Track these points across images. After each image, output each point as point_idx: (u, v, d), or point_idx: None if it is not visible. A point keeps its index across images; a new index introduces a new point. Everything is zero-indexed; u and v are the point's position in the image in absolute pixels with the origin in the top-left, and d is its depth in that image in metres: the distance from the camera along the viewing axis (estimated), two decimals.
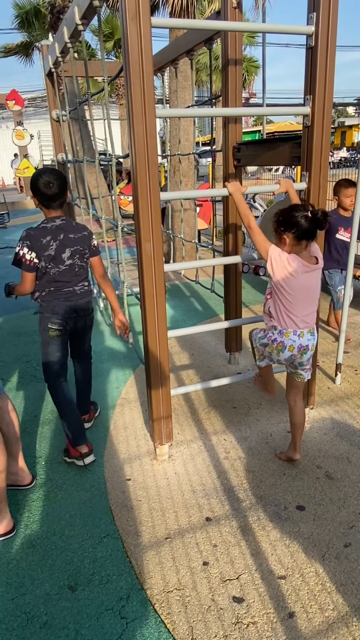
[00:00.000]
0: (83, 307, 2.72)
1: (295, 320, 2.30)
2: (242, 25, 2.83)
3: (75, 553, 2.09)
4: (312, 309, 2.34)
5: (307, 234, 2.17)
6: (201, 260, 4.42)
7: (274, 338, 2.35)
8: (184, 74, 6.37)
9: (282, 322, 2.32)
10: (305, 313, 2.31)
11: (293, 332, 2.31)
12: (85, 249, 2.65)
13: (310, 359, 2.41)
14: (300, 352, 2.34)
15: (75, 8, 2.86)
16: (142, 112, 2.10)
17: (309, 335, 2.34)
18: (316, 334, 2.41)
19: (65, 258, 2.56)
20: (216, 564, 2.00)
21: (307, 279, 2.25)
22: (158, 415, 2.61)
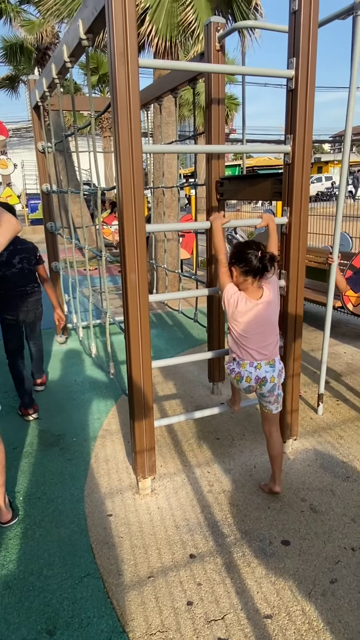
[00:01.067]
0: (32, 303, 3.56)
1: (251, 352, 2.33)
2: (225, 67, 2.95)
3: (53, 594, 2.00)
4: (269, 341, 2.35)
5: (253, 271, 2.23)
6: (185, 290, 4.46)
7: (232, 368, 2.41)
8: (167, 110, 6.57)
9: (239, 354, 2.37)
10: (261, 345, 2.33)
11: (249, 364, 2.34)
12: (32, 257, 3.53)
13: (272, 390, 2.39)
14: (257, 383, 2.35)
15: (64, 46, 2.94)
16: (129, 147, 2.14)
17: (268, 367, 2.35)
18: (278, 365, 2.39)
19: (15, 263, 3.42)
20: (200, 603, 1.94)
21: (255, 313, 2.28)
22: (141, 447, 2.56)
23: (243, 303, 2.27)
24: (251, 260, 2.21)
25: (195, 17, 6.21)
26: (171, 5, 6.30)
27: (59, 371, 4.46)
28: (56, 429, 3.38)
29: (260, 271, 2.22)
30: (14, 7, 11.74)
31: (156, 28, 6.29)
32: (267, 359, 2.35)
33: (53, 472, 2.87)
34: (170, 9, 6.30)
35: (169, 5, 6.29)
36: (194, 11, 6.22)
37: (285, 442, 2.97)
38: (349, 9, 2.81)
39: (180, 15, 6.26)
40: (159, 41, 6.34)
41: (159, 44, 6.31)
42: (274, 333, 2.38)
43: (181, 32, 6.39)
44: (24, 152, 26.15)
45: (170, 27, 6.34)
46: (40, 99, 4.20)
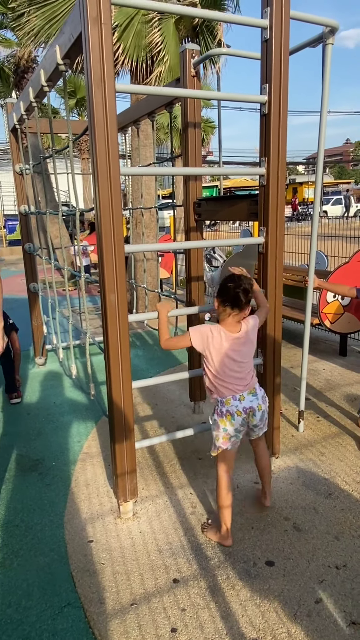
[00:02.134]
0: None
1: (229, 387, 2.29)
2: (202, 93, 3.03)
3: (32, 627, 1.93)
4: (247, 371, 2.34)
5: (229, 301, 2.23)
6: None
7: (219, 410, 2.32)
8: (145, 133, 6.67)
9: (220, 392, 2.32)
10: (239, 377, 2.30)
11: (232, 398, 2.30)
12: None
13: (262, 418, 2.37)
14: (247, 414, 2.31)
15: (42, 71, 2.98)
16: (107, 169, 2.17)
17: (250, 396, 2.32)
18: (259, 392, 2.37)
19: None
20: (185, 629, 1.89)
21: (231, 346, 2.27)
22: (122, 470, 2.52)
23: (219, 337, 2.27)
24: (229, 290, 2.22)
25: (162, 40, 6.35)
26: (141, 26, 6.43)
27: (37, 393, 4.38)
28: (35, 454, 3.30)
29: (235, 301, 2.22)
30: None
31: (124, 47, 6.39)
32: (248, 388, 2.33)
33: (32, 498, 2.80)
34: (139, 30, 6.43)
35: (138, 26, 6.42)
36: (161, 34, 6.37)
37: None
38: (318, 37, 2.92)
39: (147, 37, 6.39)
40: (126, 60, 6.43)
41: (125, 62, 6.42)
42: (249, 364, 2.35)
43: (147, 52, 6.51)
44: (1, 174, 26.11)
45: (138, 49, 6.46)
46: (17, 122, 4.23)
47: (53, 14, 6.47)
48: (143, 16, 6.40)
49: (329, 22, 2.82)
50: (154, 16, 6.34)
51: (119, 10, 6.36)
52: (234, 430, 2.30)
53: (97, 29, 2.05)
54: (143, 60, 6.52)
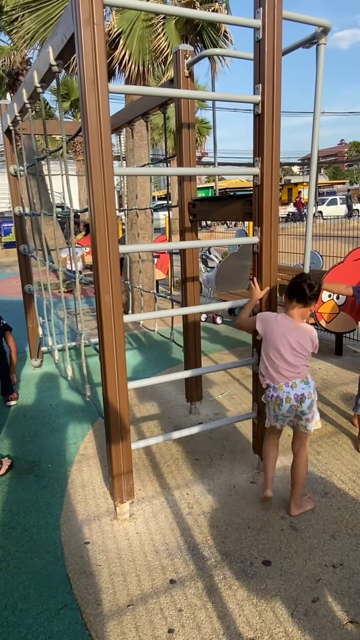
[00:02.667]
0: None
1: (284, 373, 2.42)
2: (195, 93, 3.03)
3: (29, 629, 1.92)
4: (300, 362, 2.44)
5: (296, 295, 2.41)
6: (161, 310, 4.44)
7: (270, 394, 2.46)
8: (139, 134, 6.68)
9: (272, 378, 2.45)
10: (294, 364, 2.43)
11: (285, 385, 2.41)
12: None
13: (311, 407, 2.44)
14: (298, 401, 2.41)
15: (35, 72, 2.98)
16: (101, 170, 2.16)
17: (303, 384, 2.43)
18: (311, 382, 2.48)
19: None
20: (182, 630, 1.89)
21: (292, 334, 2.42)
22: (118, 471, 2.52)
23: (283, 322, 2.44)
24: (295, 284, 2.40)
25: (167, 44, 6.38)
26: (143, 31, 6.46)
27: (33, 395, 4.37)
28: (31, 456, 3.29)
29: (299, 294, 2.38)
30: None
31: (129, 52, 6.42)
32: (301, 376, 2.44)
33: (28, 500, 2.79)
34: (142, 35, 6.46)
35: (141, 30, 6.45)
36: (165, 38, 6.40)
37: None
38: (311, 38, 2.93)
39: (153, 42, 6.42)
40: (132, 66, 6.47)
41: (132, 68, 6.44)
42: (305, 359, 2.47)
43: (154, 58, 6.55)
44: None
45: (143, 52, 6.49)
46: (11, 124, 4.22)
47: (47, 17, 6.47)
48: (144, 21, 6.42)
49: (321, 22, 2.83)
50: (155, 20, 6.36)
51: (121, 17, 6.37)
52: (281, 415, 2.46)
53: (89, 29, 2.05)
54: (149, 63, 6.54)
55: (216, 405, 4.00)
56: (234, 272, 6.77)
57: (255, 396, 2.90)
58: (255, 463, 3.03)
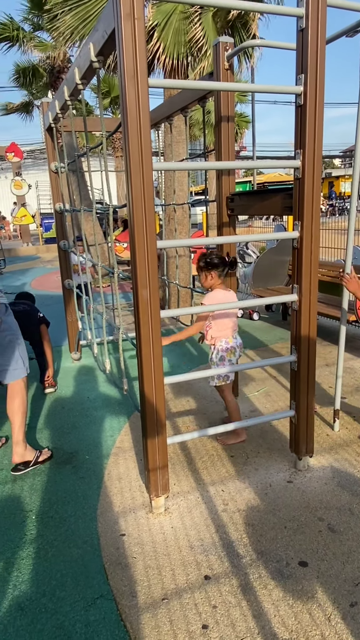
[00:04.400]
0: None
1: (234, 327, 3.26)
2: (236, 85, 2.99)
3: (66, 616, 1.97)
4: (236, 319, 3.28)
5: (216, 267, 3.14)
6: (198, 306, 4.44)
7: (225, 347, 3.19)
8: (178, 129, 6.66)
9: (227, 335, 3.21)
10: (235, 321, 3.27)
11: (233, 337, 3.23)
12: None
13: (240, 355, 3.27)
14: (240, 348, 3.25)
15: (76, 69, 3.01)
16: (140, 165, 2.17)
17: (238, 336, 3.28)
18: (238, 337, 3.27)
19: None
20: (216, 627, 1.89)
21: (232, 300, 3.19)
22: (154, 465, 2.53)
23: (223, 295, 3.16)
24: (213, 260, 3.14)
25: (203, 34, 6.32)
26: (179, 23, 6.43)
27: (72, 388, 4.46)
28: (69, 447, 3.36)
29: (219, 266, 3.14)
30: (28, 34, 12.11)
31: (164, 45, 6.40)
32: (235, 331, 3.27)
33: (66, 490, 2.85)
34: (178, 27, 6.43)
35: (177, 23, 6.41)
36: (202, 28, 6.34)
37: (301, 459, 2.91)
38: (356, 25, 2.83)
39: (189, 34, 6.38)
40: (167, 59, 6.45)
41: (166, 61, 6.43)
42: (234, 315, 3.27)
43: (189, 49, 6.50)
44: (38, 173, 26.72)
45: (178, 45, 6.46)
46: (53, 121, 4.30)
47: (87, 14, 6.56)
48: (181, 12, 6.39)
49: None
50: (192, 11, 6.31)
51: (157, 10, 6.37)
52: (235, 361, 3.23)
53: (130, 24, 2.05)
54: (184, 56, 6.51)
55: (252, 402, 3.96)
56: (272, 267, 6.67)
57: (294, 394, 2.85)
58: (292, 462, 2.98)
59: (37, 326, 4.38)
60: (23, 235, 19.78)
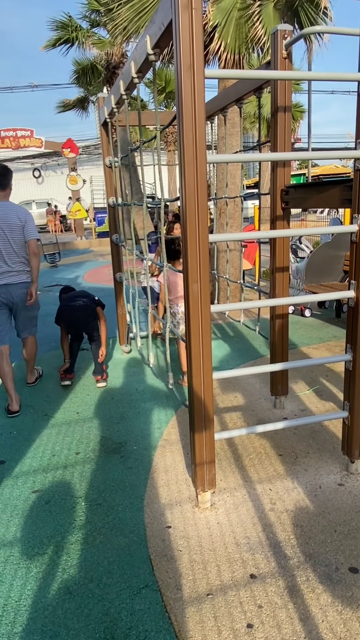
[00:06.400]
0: None
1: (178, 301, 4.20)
2: (293, 74, 2.90)
3: (112, 603, 2.00)
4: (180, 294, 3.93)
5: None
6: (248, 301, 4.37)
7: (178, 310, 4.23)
8: (231, 121, 6.57)
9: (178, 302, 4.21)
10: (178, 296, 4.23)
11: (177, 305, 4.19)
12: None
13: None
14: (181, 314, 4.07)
15: (132, 63, 3.03)
16: (194, 158, 2.15)
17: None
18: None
19: None
20: (261, 627, 1.86)
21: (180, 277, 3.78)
22: (201, 459, 2.52)
23: (174, 274, 4.12)
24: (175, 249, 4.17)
25: (264, 31, 6.20)
26: (239, 19, 6.33)
27: (121, 379, 4.53)
28: (117, 437, 3.42)
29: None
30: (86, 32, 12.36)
31: (225, 44, 6.34)
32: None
33: (114, 479, 2.90)
34: (238, 23, 6.34)
35: (237, 20, 6.33)
36: (262, 25, 6.21)
37: (354, 462, 2.81)
38: None
39: (250, 31, 6.27)
40: (228, 55, 6.38)
41: (227, 57, 6.36)
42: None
43: (250, 46, 6.41)
44: (93, 169, 27.30)
45: (239, 41, 6.37)
46: (108, 116, 4.35)
47: (142, 6, 6.61)
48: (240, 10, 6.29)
49: None
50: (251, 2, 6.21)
51: (217, 7, 6.31)
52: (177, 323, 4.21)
53: (187, 14, 2.02)
54: (245, 51, 6.43)
55: (302, 401, 3.86)
56: (326, 262, 6.46)
57: (347, 395, 2.75)
58: (344, 465, 2.89)
59: (95, 319, 4.49)
60: (77, 229, 20.30)
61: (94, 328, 4.52)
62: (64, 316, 4.48)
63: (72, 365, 4.54)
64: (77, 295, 4.67)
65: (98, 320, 4.51)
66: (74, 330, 4.56)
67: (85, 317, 4.48)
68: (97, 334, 4.52)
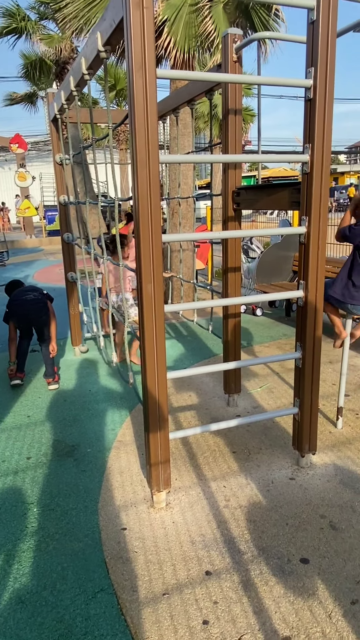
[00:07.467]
0: None
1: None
2: (243, 77, 2.95)
3: (66, 610, 1.97)
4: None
5: None
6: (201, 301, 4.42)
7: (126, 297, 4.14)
8: (183, 122, 6.61)
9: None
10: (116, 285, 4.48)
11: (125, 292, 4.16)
12: None
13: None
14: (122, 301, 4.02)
15: (83, 59, 2.98)
16: (146, 158, 2.14)
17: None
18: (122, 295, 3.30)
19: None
20: (217, 622, 1.88)
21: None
22: (156, 459, 2.53)
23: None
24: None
25: (214, 28, 6.26)
26: (189, 16, 6.37)
27: (74, 381, 4.45)
28: (70, 440, 3.36)
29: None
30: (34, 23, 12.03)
31: (174, 40, 6.35)
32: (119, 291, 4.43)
33: (67, 483, 2.85)
34: (188, 20, 6.37)
35: (187, 16, 6.36)
36: (212, 21, 6.27)
37: (304, 456, 2.90)
38: None
39: (200, 27, 6.32)
40: (177, 53, 6.40)
41: (177, 56, 6.38)
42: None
43: (200, 43, 6.45)
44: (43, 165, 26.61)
45: (189, 39, 6.40)
46: (58, 112, 4.26)
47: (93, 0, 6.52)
48: (190, 6, 6.33)
49: None
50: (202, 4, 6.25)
51: (166, 3, 6.31)
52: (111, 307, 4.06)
53: (139, 13, 2.01)
54: (195, 50, 6.47)
55: (255, 399, 3.95)
56: (277, 263, 6.63)
57: (297, 391, 2.84)
58: (295, 459, 2.97)
59: (47, 314, 4.41)
60: (26, 227, 19.75)
61: (44, 323, 4.41)
62: (15, 310, 4.37)
63: (22, 364, 4.42)
64: (27, 290, 4.57)
65: (49, 315, 4.42)
66: (25, 326, 4.45)
67: (37, 311, 4.38)
68: (48, 332, 4.42)
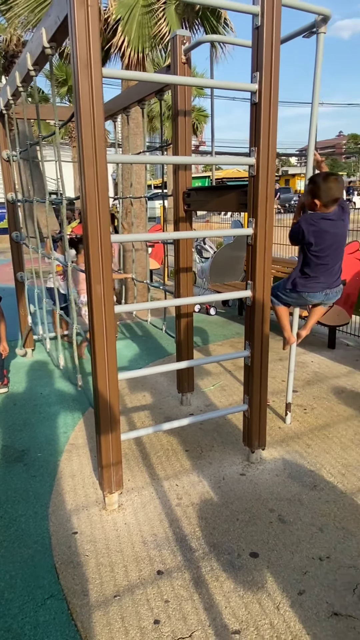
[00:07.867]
0: None
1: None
2: (191, 80, 2.98)
3: (14, 619, 1.92)
4: None
5: None
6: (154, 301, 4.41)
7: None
8: (135, 121, 6.59)
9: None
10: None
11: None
12: None
13: None
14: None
15: (28, 54, 2.91)
16: (93, 156, 2.12)
17: None
18: None
19: None
20: (168, 621, 1.89)
21: None
22: (107, 461, 2.51)
23: None
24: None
25: (168, 29, 6.28)
26: (142, 17, 6.36)
27: (24, 384, 4.34)
28: (20, 444, 3.27)
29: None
30: None
31: (128, 39, 6.32)
32: None
33: (16, 489, 2.77)
34: (141, 21, 6.36)
35: (140, 17, 6.34)
36: (167, 23, 6.29)
37: (254, 452, 2.97)
38: (311, 26, 2.88)
39: (154, 27, 6.32)
40: (131, 52, 6.37)
41: (131, 55, 6.35)
42: None
43: (154, 43, 6.45)
44: None
45: (142, 39, 6.39)
46: (4, 107, 4.14)
47: None
48: (143, 7, 6.32)
49: (321, 10, 2.77)
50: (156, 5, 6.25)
51: (119, 3, 6.26)
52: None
53: (83, 11, 1.99)
54: (149, 50, 6.45)
55: (207, 397, 4.00)
56: (229, 263, 6.74)
57: (247, 389, 2.90)
58: (245, 455, 3.04)
59: None
60: None
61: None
62: None
63: None
64: None
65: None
66: None
67: None
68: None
